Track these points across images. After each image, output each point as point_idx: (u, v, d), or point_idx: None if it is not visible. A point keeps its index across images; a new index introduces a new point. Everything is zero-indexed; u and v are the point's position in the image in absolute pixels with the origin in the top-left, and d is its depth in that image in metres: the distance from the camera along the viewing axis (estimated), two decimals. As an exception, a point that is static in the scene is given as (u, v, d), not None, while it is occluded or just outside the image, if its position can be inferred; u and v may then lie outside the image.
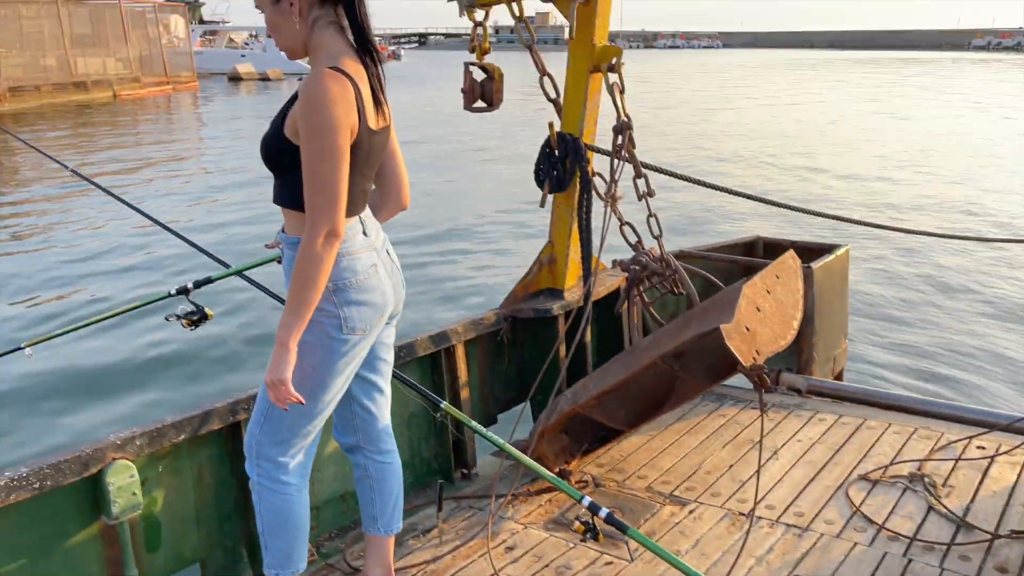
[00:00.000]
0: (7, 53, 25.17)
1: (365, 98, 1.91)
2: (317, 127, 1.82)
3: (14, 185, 12.36)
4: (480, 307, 5.42)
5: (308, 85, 1.83)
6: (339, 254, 1.95)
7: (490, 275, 6.78)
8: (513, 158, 13.50)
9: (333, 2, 1.94)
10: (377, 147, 2.02)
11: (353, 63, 1.92)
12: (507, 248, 7.71)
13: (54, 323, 5.76)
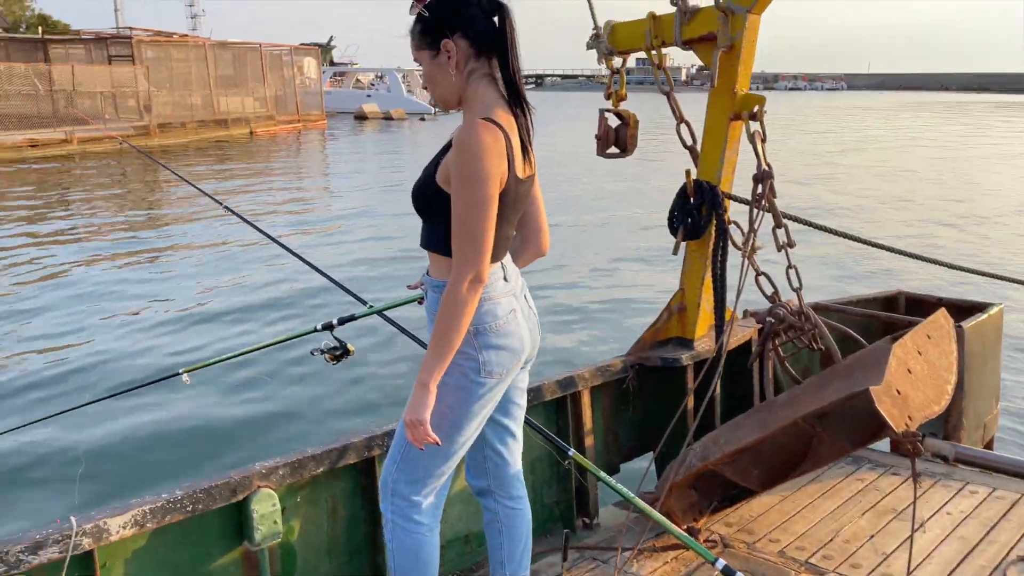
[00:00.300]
0: (158, 92, 27.30)
1: (515, 148, 1.96)
2: (470, 176, 1.87)
3: (169, 218, 13.29)
4: (606, 353, 5.39)
5: (463, 135, 1.89)
6: (480, 299, 1.98)
7: (617, 320, 6.72)
8: (641, 202, 13.39)
9: (488, 55, 2.00)
10: (523, 195, 2.06)
11: (505, 114, 1.97)
12: (635, 294, 7.60)
13: (206, 352, 6.12)
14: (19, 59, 29.81)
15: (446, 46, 1.97)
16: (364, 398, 5.15)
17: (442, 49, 1.98)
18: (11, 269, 9.01)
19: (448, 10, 1.98)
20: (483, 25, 1.98)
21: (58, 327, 6.89)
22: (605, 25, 3.34)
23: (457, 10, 1.97)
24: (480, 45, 1.98)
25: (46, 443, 4.63)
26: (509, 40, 1.98)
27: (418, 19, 2.01)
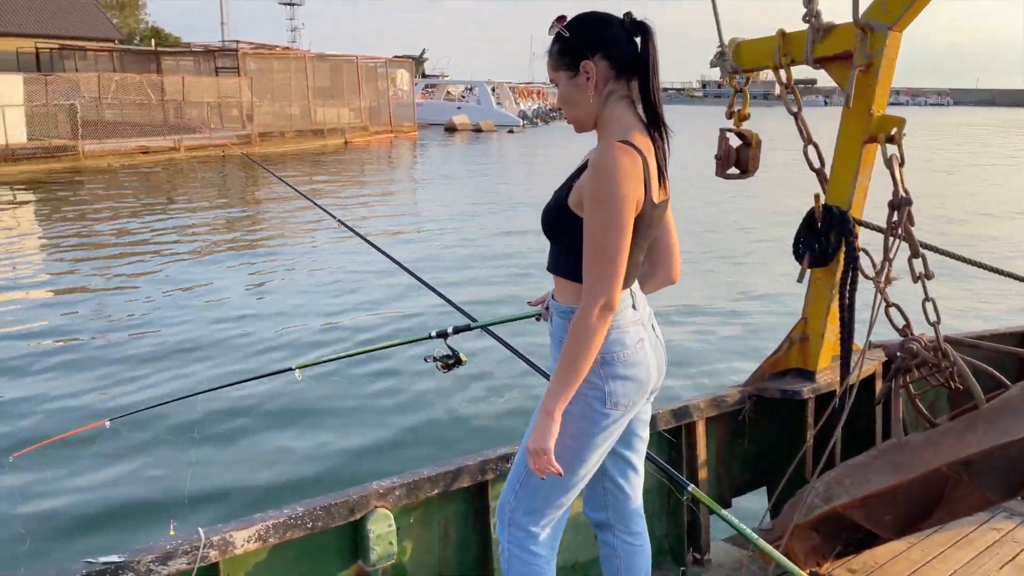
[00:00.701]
0: (260, 103, 28.36)
1: (651, 171, 1.89)
2: (605, 199, 1.81)
3: (268, 223, 13.74)
4: (721, 382, 5.24)
5: (599, 157, 1.83)
6: (609, 328, 1.91)
7: (733, 348, 6.53)
8: (762, 225, 13.01)
9: (627, 76, 1.94)
10: (657, 220, 1.99)
11: (642, 137, 1.90)
12: (753, 321, 7.36)
13: (319, 351, 6.29)
14: (133, 70, 31.54)
15: (585, 67, 1.92)
16: (472, 414, 5.15)
17: (581, 70, 1.92)
18: (127, 267, 9.47)
19: (589, 31, 1.93)
20: (625, 46, 1.93)
21: (166, 321, 7.17)
22: (730, 42, 3.23)
23: (599, 31, 1.93)
24: (621, 67, 1.93)
25: (159, 429, 4.80)
26: (652, 62, 1.91)
27: (557, 39, 1.96)
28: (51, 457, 4.58)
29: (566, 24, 1.95)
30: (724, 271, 9.70)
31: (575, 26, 1.95)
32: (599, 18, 1.95)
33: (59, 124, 21.30)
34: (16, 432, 5.03)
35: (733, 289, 8.81)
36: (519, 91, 59.05)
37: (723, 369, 5.95)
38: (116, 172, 20.18)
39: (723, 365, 6.09)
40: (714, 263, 10.15)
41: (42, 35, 40.94)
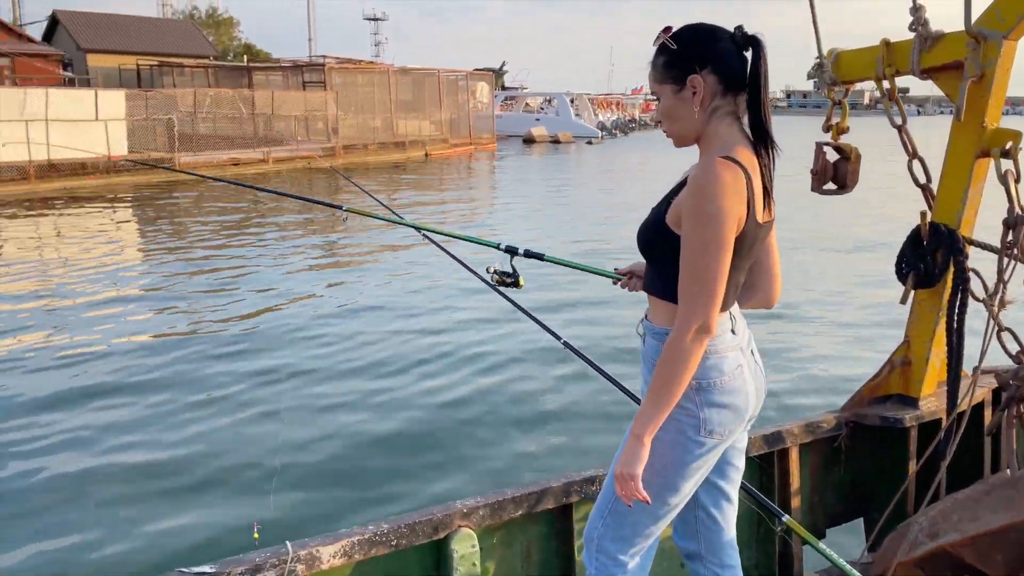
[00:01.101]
0: (344, 116, 29.10)
1: (756, 189, 1.80)
2: (705, 217, 1.74)
3: (354, 233, 14.05)
4: (816, 406, 5.04)
5: (700, 173, 1.76)
6: (706, 351, 1.84)
7: (829, 370, 6.29)
8: (860, 241, 12.58)
9: (735, 92, 1.86)
10: (760, 241, 1.90)
11: (747, 153, 1.82)
12: (851, 342, 7.04)
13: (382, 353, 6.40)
14: (227, 85, 32.86)
15: (693, 82, 1.84)
16: (555, 432, 5.09)
17: (688, 84, 1.85)
18: (218, 272, 9.83)
19: (698, 44, 1.85)
20: (735, 60, 1.85)
21: (258, 327, 7.38)
22: (829, 53, 3.11)
23: (708, 44, 1.85)
24: (729, 82, 1.85)
25: (243, 437, 4.93)
26: (762, 77, 1.83)
27: (663, 50, 1.88)
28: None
29: (673, 35, 1.88)
30: (817, 288, 9.37)
31: (683, 38, 1.87)
32: (709, 31, 1.87)
33: (157, 137, 22.34)
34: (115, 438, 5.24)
35: (828, 308, 8.47)
36: (598, 102, 58.90)
37: (817, 393, 5.71)
38: (209, 182, 21.02)
39: (817, 388, 5.84)
40: (807, 280, 9.83)
41: (144, 53, 43.13)
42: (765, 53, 1.84)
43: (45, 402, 5.69)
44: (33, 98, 18.90)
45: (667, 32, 1.90)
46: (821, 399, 5.41)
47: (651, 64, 1.93)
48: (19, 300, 8.74)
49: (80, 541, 3.96)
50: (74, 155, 19.55)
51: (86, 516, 4.19)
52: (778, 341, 6.97)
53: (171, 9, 69.03)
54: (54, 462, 4.77)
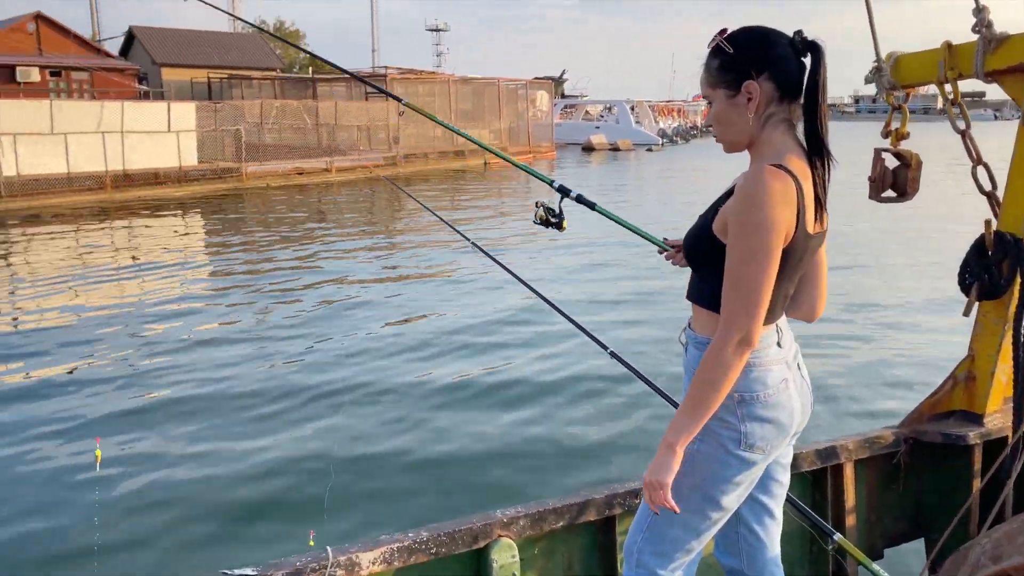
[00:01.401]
0: (405, 125, 29.51)
1: (807, 199, 1.75)
2: (751, 226, 1.69)
3: (410, 240, 14.22)
4: (873, 420, 4.89)
5: (748, 181, 1.72)
6: (749, 364, 1.80)
7: (887, 384, 6.08)
8: (921, 248, 12.19)
9: (791, 99, 1.81)
10: (811, 252, 1.85)
11: (799, 162, 1.77)
12: (911, 355, 6.78)
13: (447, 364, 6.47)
14: (292, 96, 33.69)
15: (748, 88, 1.78)
16: (599, 443, 5.04)
17: (743, 90, 1.79)
18: (282, 275, 10.07)
19: (756, 48, 1.79)
20: (792, 66, 1.78)
21: (320, 330, 7.53)
22: (887, 57, 3.01)
23: (766, 48, 1.78)
24: (786, 89, 1.79)
25: (294, 448, 5.03)
26: (821, 85, 1.76)
27: (718, 53, 1.82)
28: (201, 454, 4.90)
29: (729, 38, 1.82)
30: (876, 297, 9.08)
31: (740, 41, 1.81)
32: (766, 34, 1.81)
33: (225, 147, 23.02)
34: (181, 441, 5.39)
35: (886, 318, 8.19)
36: (659, 109, 58.37)
37: (873, 407, 5.51)
38: (274, 192, 21.56)
39: (873, 402, 5.64)
40: (864, 289, 9.53)
41: (215, 66, 44.59)
42: (825, 59, 1.77)
43: (116, 402, 5.91)
44: (110, 111, 19.70)
45: (723, 34, 1.84)
46: (876, 414, 5.23)
47: (704, 67, 1.87)
48: (96, 308, 9.09)
49: (130, 539, 4.07)
50: (148, 165, 20.35)
51: (145, 514, 4.31)
52: (832, 352, 6.76)
53: (241, 24, 71.28)
54: (120, 464, 4.94)
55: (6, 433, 5.37)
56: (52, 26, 44.05)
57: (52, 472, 4.80)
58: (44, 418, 5.61)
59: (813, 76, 1.77)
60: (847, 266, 10.81)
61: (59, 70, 41.38)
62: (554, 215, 2.59)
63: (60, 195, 18.46)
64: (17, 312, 8.95)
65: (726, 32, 1.83)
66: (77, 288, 9.84)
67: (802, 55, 1.79)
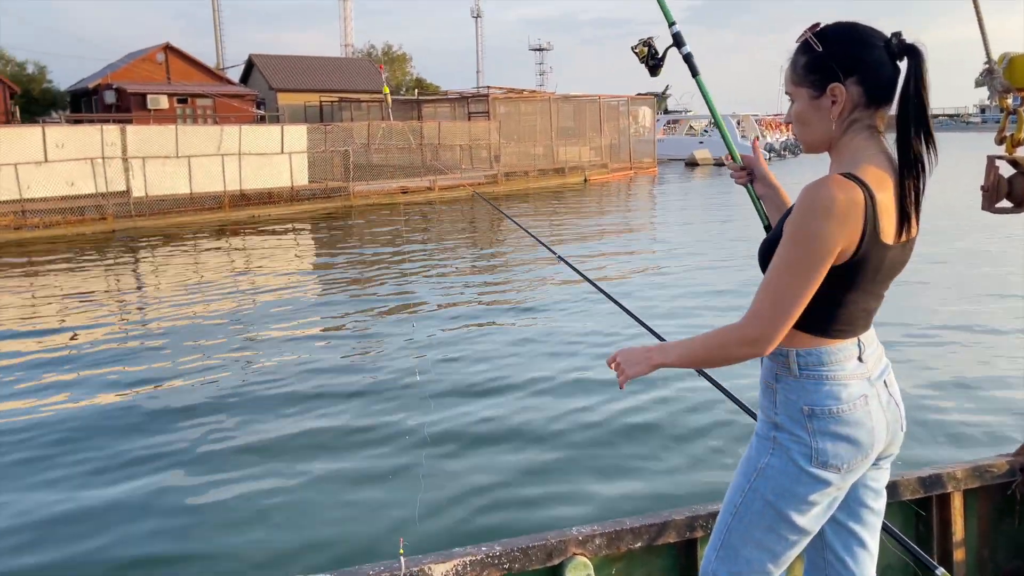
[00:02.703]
0: (507, 144, 29.87)
1: (883, 209, 1.64)
2: (801, 234, 1.63)
3: (507, 257, 14.35)
4: (985, 448, 4.56)
5: (812, 188, 1.64)
6: (823, 377, 1.73)
7: (1001, 408, 5.68)
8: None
9: (879, 105, 1.70)
10: (894, 264, 1.74)
11: (877, 171, 1.67)
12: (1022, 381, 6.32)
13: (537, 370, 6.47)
14: (398, 117, 34.71)
15: (834, 91, 1.69)
16: (680, 464, 4.90)
17: (828, 92, 1.70)
18: (385, 289, 10.35)
19: (847, 47, 1.69)
20: (886, 72, 1.67)
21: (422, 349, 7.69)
22: (1000, 58, 2.81)
23: (858, 49, 1.68)
24: (874, 95, 1.69)
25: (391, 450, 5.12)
26: (918, 92, 1.65)
27: (806, 49, 1.73)
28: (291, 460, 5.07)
29: (819, 34, 1.72)
30: (988, 314, 8.48)
31: (831, 39, 1.70)
32: (861, 34, 1.69)
33: (334, 167, 23.92)
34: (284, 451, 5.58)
35: (999, 336, 7.62)
36: (766, 123, 56.85)
37: (984, 432, 5.11)
38: (379, 209, 22.23)
39: (986, 427, 5.24)
40: (977, 303, 8.93)
41: (326, 90, 46.54)
42: (925, 65, 1.65)
43: (229, 409, 6.20)
44: (228, 135, 20.84)
45: (814, 28, 1.74)
46: (989, 440, 4.84)
47: (790, 62, 1.78)
48: (211, 317, 9.59)
49: (212, 541, 4.24)
50: (262, 185, 21.39)
51: (230, 516, 4.48)
52: (939, 369, 6.32)
53: (352, 49, 74.22)
54: (212, 467, 5.17)
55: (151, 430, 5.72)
56: (180, 56, 47.20)
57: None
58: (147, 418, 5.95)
59: (908, 83, 1.66)
60: (961, 281, 10.18)
61: (185, 97, 44.22)
62: (655, 57, 2.51)
63: (183, 214, 19.63)
64: (144, 320, 9.54)
65: (818, 27, 1.73)
66: (196, 299, 10.43)
67: (898, 59, 1.68)
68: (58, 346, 8.30)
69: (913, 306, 8.77)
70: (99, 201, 18.38)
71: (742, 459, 1.90)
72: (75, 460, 5.32)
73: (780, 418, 1.79)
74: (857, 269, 1.66)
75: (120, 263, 14.20)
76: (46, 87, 56.80)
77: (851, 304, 1.72)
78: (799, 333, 1.75)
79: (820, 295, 1.70)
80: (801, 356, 1.76)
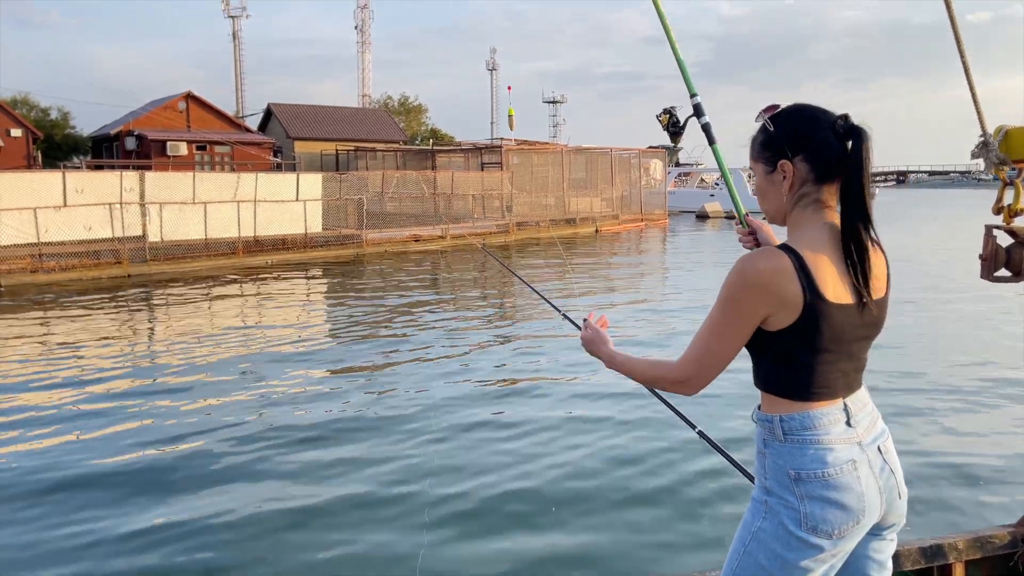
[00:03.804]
0: (519, 194, 30.19)
1: (819, 269, 1.74)
2: (723, 295, 1.79)
3: (513, 309, 14.40)
4: (985, 517, 4.51)
5: (743, 258, 1.77)
6: (808, 441, 1.78)
7: (1000, 476, 5.61)
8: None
9: (828, 181, 1.83)
10: (854, 324, 1.80)
11: (816, 238, 1.80)
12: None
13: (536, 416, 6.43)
14: (412, 167, 35.27)
15: (783, 167, 1.85)
16: (680, 529, 4.85)
17: (778, 168, 1.86)
18: (394, 336, 10.41)
19: (796, 128, 1.85)
20: (833, 152, 1.81)
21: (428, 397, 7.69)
22: (996, 131, 2.88)
23: (805, 130, 1.83)
24: (821, 172, 1.82)
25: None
26: (860, 167, 1.78)
27: (763, 129, 1.90)
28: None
29: (774, 116, 1.90)
30: (989, 378, 8.41)
31: (783, 120, 1.88)
32: (809, 117, 1.86)
33: (348, 215, 24.21)
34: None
35: (998, 403, 7.53)
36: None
37: (986, 500, 5.04)
38: (391, 257, 22.42)
39: (986, 495, 5.16)
40: (979, 369, 8.87)
41: (343, 139, 47.37)
42: (868, 145, 1.79)
43: (234, 441, 6.21)
44: (245, 182, 21.19)
45: (768, 111, 1.92)
46: (989, 509, 4.75)
47: (751, 139, 1.96)
48: (219, 365, 9.65)
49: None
50: (276, 232, 21.66)
51: (259, 542, 4.48)
52: (936, 438, 6.25)
53: (369, 99, 75.65)
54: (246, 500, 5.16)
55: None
56: (200, 104, 48.26)
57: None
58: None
59: (852, 160, 1.78)
60: (967, 346, 10.13)
61: (204, 144, 45.07)
62: (676, 125, 2.67)
63: (197, 259, 19.86)
64: (155, 366, 9.60)
65: (774, 109, 1.90)
66: (207, 344, 10.50)
67: (844, 139, 1.80)
68: (66, 389, 8.37)
69: (914, 370, 8.74)
70: (115, 245, 18.65)
71: (741, 523, 1.93)
72: (80, 505, 5.33)
73: (770, 482, 1.83)
74: (810, 330, 1.74)
75: (133, 308, 14.35)
76: (68, 132, 58.08)
77: (821, 365, 1.78)
78: (781, 399, 1.83)
79: (788, 360, 1.79)
80: (785, 421, 1.82)
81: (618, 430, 6.71)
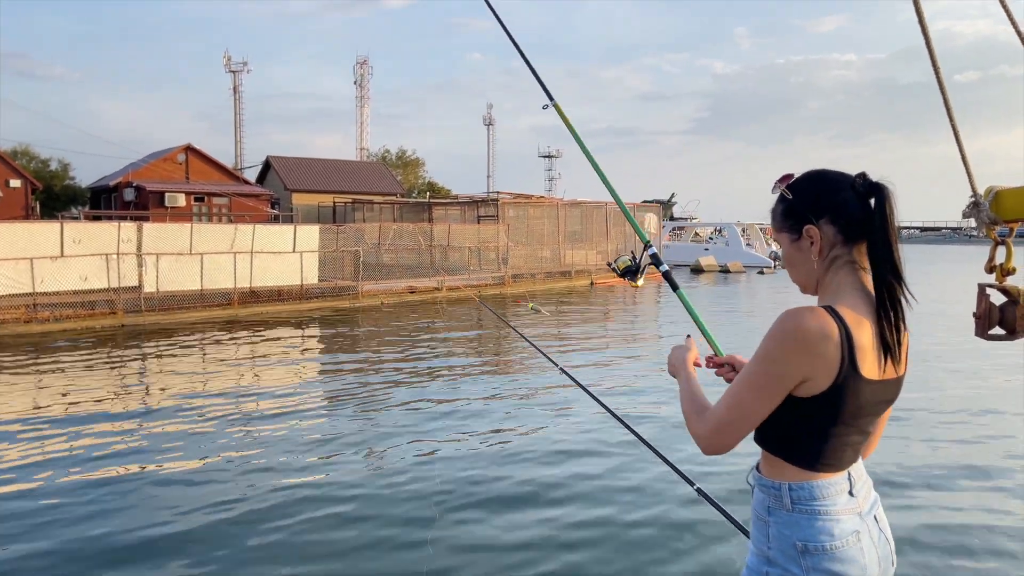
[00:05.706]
0: (515, 247, 30.38)
1: (860, 343, 1.71)
2: (764, 353, 1.72)
3: (508, 361, 14.34)
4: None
5: (789, 313, 1.73)
6: (816, 512, 1.75)
7: (995, 553, 5.52)
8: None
9: (856, 241, 1.81)
10: (878, 400, 1.79)
11: (856, 307, 1.76)
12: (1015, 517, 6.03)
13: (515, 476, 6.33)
14: (409, 219, 35.53)
15: (809, 232, 1.83)
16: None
17: (804, 235, 1.83)
18: (387, 388, 10.34)
19: (816, 193, 1.83)
20: (855, 211, 1.80)
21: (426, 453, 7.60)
22: (987, 192, 2.92)
23: (826, 194, 1.82)
24: (849, 233, 1.81)
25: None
26: (886, 227, 1.77)
27: (781, 199, 1.89)
28: None
29: (791, 185, 1.88)
30: (982, 437, 8.38)
31: (800, 188, 1.86)
32: (827, 179, 1.85)
33: (345, 267, 24.28)
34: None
35: (990, 463, 7.50)
36: (770, 232, 57.65)
37: (981, 567, 4.97)
38: (387, 309, 22.41)
39: (981, 563, 5.09)
40: (974, 427, 8.83)
41: (340, 191, 47.80)
42: (891, 201, 1.79)
43: (233, 478, 6.11)
44: (242, 233, 21.29)
45: (785, 180, 1.90)
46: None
47: (771, 211, 1.94)
48: (210, 417, 9.56)
49: None
50: (272, 283, 21.68)
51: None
52: (932, 508, 6.12)
53: (367, 152, 76.63)
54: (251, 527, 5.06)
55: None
56: (199, 156, 48.81)
57: None
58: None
59: (876, 219, 1.77)
60: (972, 406, 10.10)
61: (202, 196, 45.43)
62: (634, 266, 2.73)
63: (192, 310, 19.83)
64: (146, 416, 9.51)
65: (789, 179, 1.88)
66: (198, 394, 10.42)
67: (866, 197, 1.79)
68: (56, 440, 8.26)
69: (912, 437, 8.69)
70: (110, 296, 18.62)
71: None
72: (79, 546, 5.22)
73: (773, 552, 1.79)
74: (838, 401, 1.71)
75: (126, 358, 14.26)
76: (68, 183, 58.51)
77: (837, 437, 1.75)
78: (790, 467, 1.78)
79: (807, 428, 1.74)
80: (794, 490, 1.78)
81: (605, 480, 6.64)
